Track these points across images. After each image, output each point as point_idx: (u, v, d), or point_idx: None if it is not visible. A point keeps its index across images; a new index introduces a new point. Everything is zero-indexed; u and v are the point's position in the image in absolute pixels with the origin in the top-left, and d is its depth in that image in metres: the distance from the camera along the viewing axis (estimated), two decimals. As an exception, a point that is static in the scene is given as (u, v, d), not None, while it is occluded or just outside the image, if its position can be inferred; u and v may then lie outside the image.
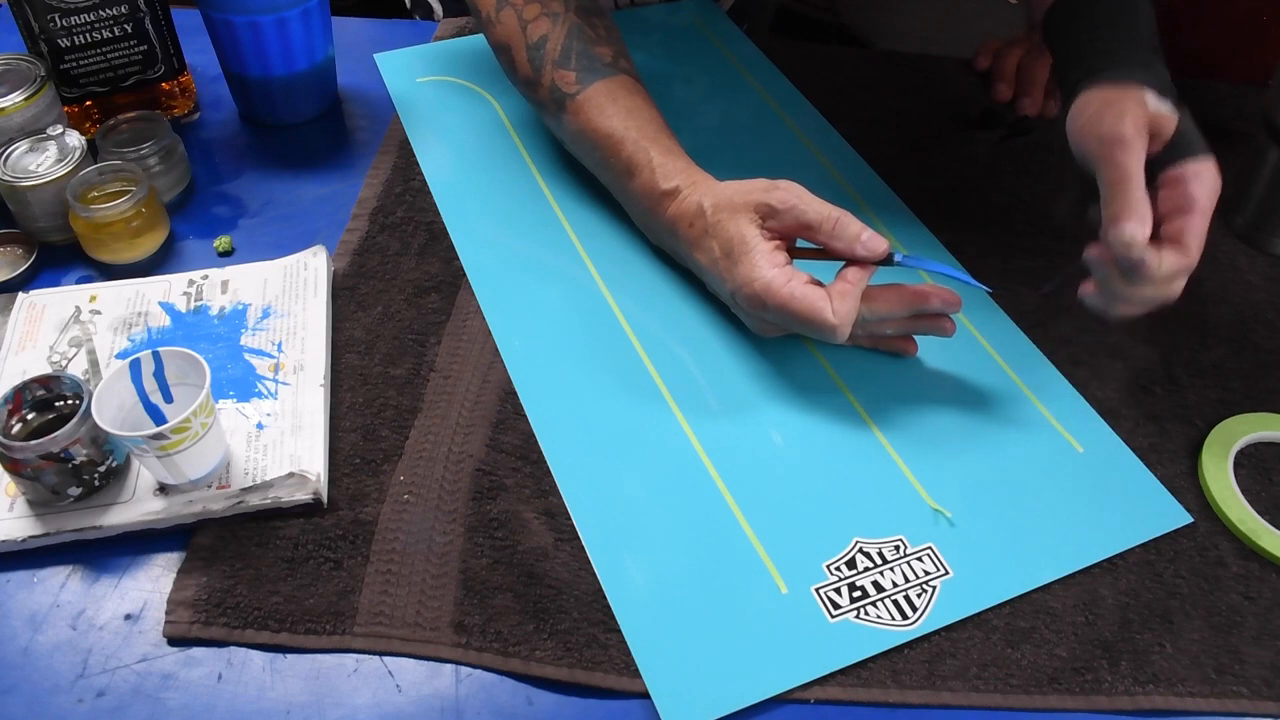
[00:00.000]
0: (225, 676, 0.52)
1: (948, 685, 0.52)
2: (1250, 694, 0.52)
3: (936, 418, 0.64)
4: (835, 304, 0.59)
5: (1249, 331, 0.70)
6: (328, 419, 0.62)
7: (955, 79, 0.92)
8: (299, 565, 0.55)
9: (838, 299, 0.60)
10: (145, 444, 0.54)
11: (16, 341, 0.66)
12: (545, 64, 0.71)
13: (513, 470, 0.60)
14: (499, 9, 0.73)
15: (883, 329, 0.64)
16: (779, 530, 0.57)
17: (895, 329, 0.64)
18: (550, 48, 0.71)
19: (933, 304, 0.62)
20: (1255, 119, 0.75)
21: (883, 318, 0.63)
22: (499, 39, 0.75)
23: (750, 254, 0.62)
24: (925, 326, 0.64)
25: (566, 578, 0.55)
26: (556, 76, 0.71)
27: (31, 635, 0.53)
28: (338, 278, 0.71)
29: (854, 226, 0.61)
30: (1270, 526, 0.58)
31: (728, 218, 0.63)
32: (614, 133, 0.70)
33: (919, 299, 0.62)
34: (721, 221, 0.63)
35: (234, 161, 0.82)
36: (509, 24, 0.73)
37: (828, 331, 0.60)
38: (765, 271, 0.61)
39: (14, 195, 0.71)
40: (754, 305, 0.62)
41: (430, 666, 0.52)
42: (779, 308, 0.60)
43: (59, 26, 0.76)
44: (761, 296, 0.61)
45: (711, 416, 0.63)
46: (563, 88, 0.71)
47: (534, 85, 0.74)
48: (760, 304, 0.61)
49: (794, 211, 0.61)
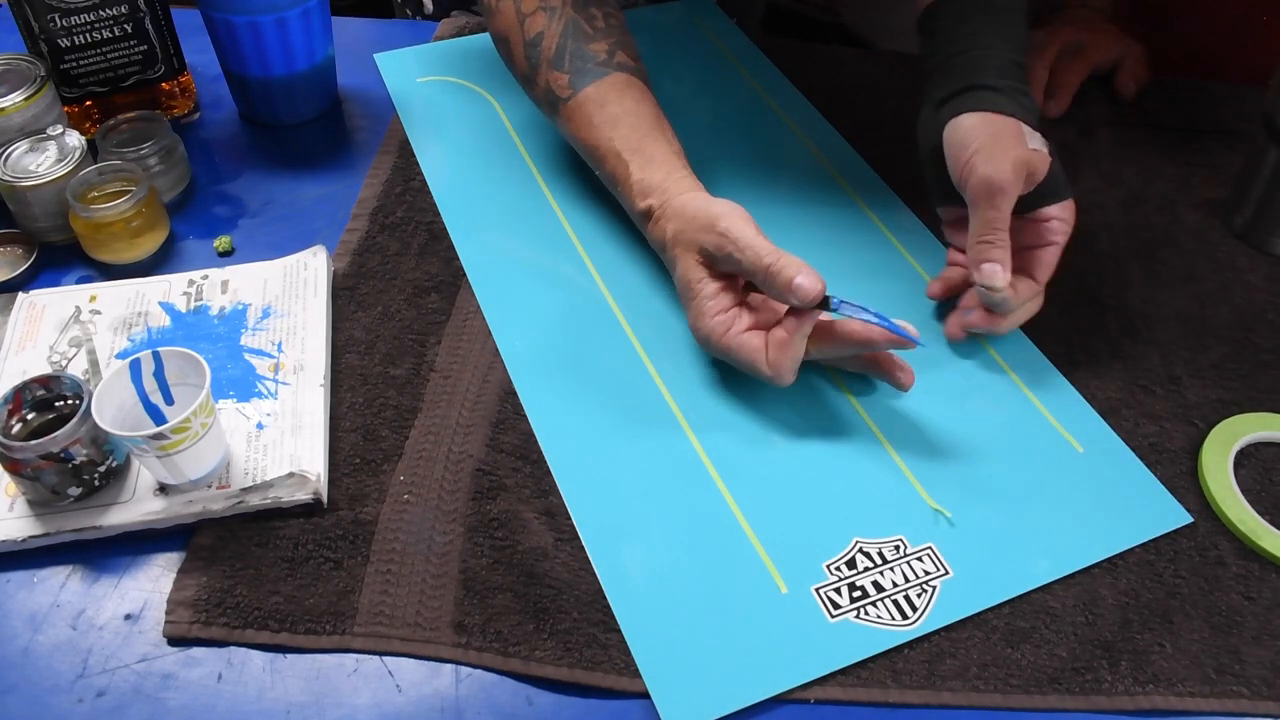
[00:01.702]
0: (225, 676, 0.52)
1: (948, 685, 0.52)
2: (1250, 694, 0.52)
3: (936, 418, 0.64)
4: (771, 354, 0.59)
5: (1249, 331, 0.70)
6: (328, 419, 0.62)
7: (955, 79, 0.92)
8: (299, 565, 0.55)
9: (774, 349, 0.59)
10: (145, 444, 0.54)
11: (16, 341, 0.66)
12: (540, 64, 0.71)
13: (513, 470, 0.60)
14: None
15: (847, 365, 0.64)
16: (779, 530, 0.57)
17: (856, 367, 0.64)
18: (545, 46, 0.71)
19: (878, 344, 0.60)
20: (1255, 119, 0.75)
21: (830, 357, 0.62)
22: (499, 29, 0.74)
23: (695, 300, 0.62)
24: (882, 373, 0.63)
25: (566, 578, 0.55)
26: (551, 79, 0.71)
27: (31, 635, 0.53)
28: (338, 278, 0.71)
29: (786, 273, 0.57)
30: (1270, 526, 0.58)
31: (681, 254, 0.63)
32: (599, 145, 0.69)
33: (863, 340, 0.60)
34: (677, 259, 0.63)
35: (234, 161, 0.82)
36: (508, 14, 0.72)
37: (769, 378, 0.60)
38: (706, 321, 0.61)
39: (14, 195, 0.71)
40: (700, 330, 0.62)
41: (430, 666, 0.52)
42: (722, 355, 0.62)
43: (59, 26, 0.76)
44: (704, 344, 0.62)
45: (711, 416, 0.63)
46: (556, 91, 0.71)
47: (531, 83, 0.73)
48: (702, 341, 0.62)
49: (730, 259, 0.60)
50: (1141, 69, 0.89)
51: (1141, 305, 0.71)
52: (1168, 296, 0.72)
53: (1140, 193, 0.81)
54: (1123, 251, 0.75)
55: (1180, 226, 0.78)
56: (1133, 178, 0.82)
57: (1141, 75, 0.89)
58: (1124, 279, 0.73)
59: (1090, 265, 0.74)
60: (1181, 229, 0.78)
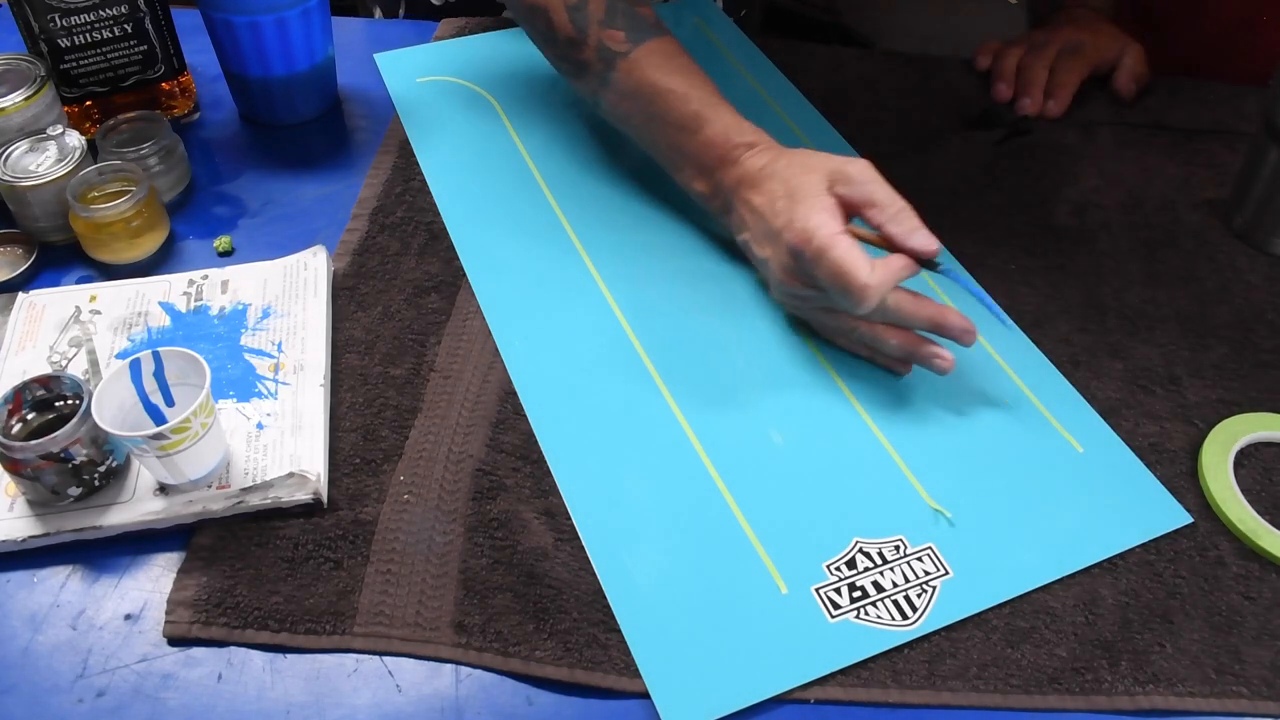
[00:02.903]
0: (225, 676, 0.52)
1: (948, 685, 0.52)
2: (1250, 694, 0.52)
3: (936, 418, 0.64)
4: (876, 270, 0.60)
5: (1249, 331, 0.70)
6: (328, 419, 0.62)
7: (955, 79, 0.92)
8: (299, 565, 0.55)
9: (879, 267, 0.60)
10: (145, 444, 0.54)
11: (16, 341, 0.66)
12: (589, 24, 0.71)
13: (513, 470, 0.60)
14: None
15: (888, 340, 0.63)
16: (779, 530, 0.57)
17: (899, 345, 0.63)
18: (593, 8, 0.71)
19: (951, 324, 0.62)
20: (1255, 119, 0.75)
21: (899, 318, 0.63)
22: (533, 1, 0.74)
23: (812, 199, 0.62)
24: (924, 355, 0.63)
25: (566, 578, 0.55)
26: (604, 35, 0.71)
27: (31, 635, 0.53)
28: (338, 278, 0.71)
29: (915, 218, 0.62)
30: (1270, 526, 0.58)
31: (800, 170, 0.64)
32: (676, 88, 0.70)
33: (939, 316, 0.62)
34: (793, 168, 0.65)
35: (234, 161, 0.82)
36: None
37: (856, 291, 0.59)
38: (820, 215, 0.61)
39: (14, 195, 0.71)
40: (797, 246, 0.61)
41: (430, 666, 0.52)
42: (820, 251, 0.60)
43: (59, 26, 0.76)
44: (808, 235, 0.61)
45: (712, 416, 0.63)
46: (612, 46, 0.71)
47: (577, 45, 0.72)
48: (803, 245, 0.61)
49: (866, 185, 0.62)
50: (1141, 69, 0.89)
51: (1141, 305, 0.71)
52: (1168, 296, 0.72)
53: (1140, 193, 0.81)
54: (1123, 251, 0.75)
55: (1180, 226, 0.78)
56: (1133, 178, 0.82)
57: (1141, 75, 0.89)
58: (1124, 279, 0.73)
59: (1090, 265, 0.74)
60: (1181, 229, 0.78)
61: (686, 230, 0.76)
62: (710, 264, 0.73)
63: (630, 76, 0.71)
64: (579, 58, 0.73)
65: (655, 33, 0.72)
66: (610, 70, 0.71)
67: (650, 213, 0.77)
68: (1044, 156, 0.84)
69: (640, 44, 0.71)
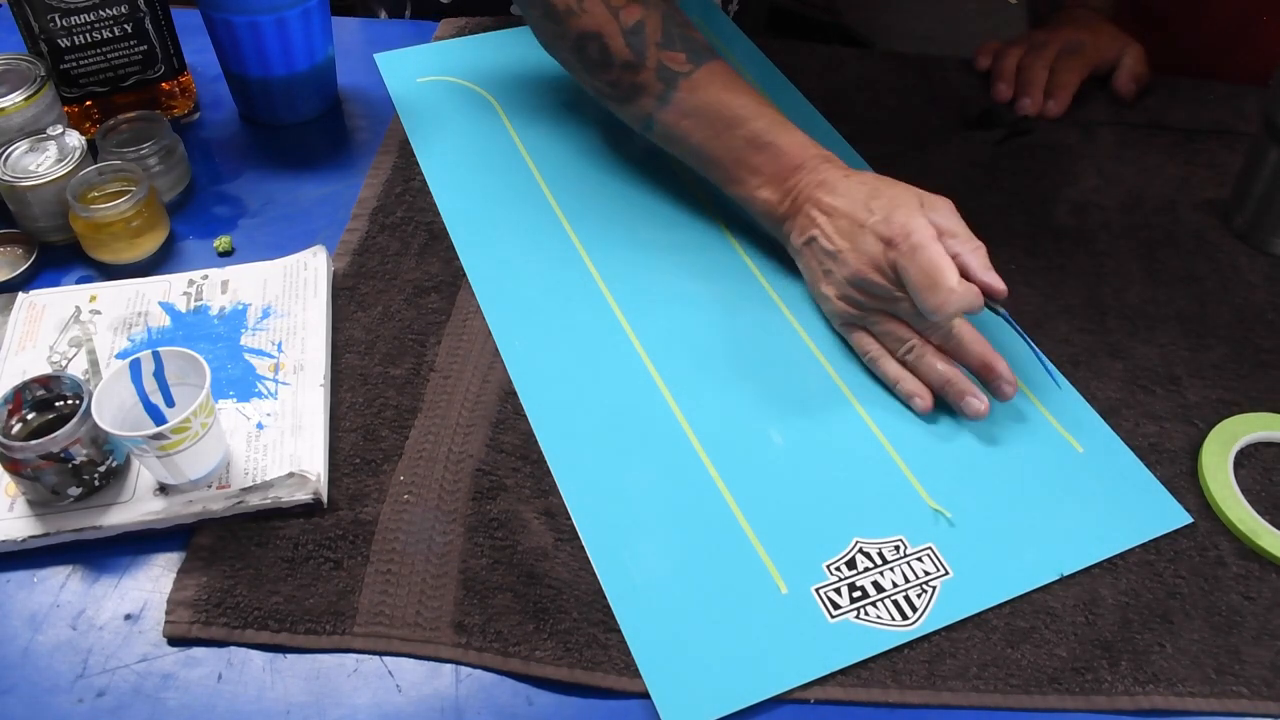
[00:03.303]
0: (225, 676, 0.52)
1: (948, 685, 0.52)
2: (1250, 694, 0.52)
3: (936, 418, 0.64)
4: (961, 282, 0.61)
5: (1249, 331, 0.70)
6: (328, 419, 0.62)
7: (955, 79, 0.92)
8: (299, 565, 0.55)
9: (963, 282, 0.61)
10: (145, 444, 0.54)
11: (16, 341, 0.66)
12: (647, 46, 0.72)
13: (513, 470, 0.60)
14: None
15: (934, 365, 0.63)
16: (779, 530, 0.57)
17: (943, 372, 0.63)
18: (650, 31, 0.72)
19: (1000, 371, 0.63)
20: (1255, 119, 0.75)
21: (956, 344, 0.64)
22: (585, 28, 0.73)
23: (909, 207, 0.63)
24: (959, 390, 0.63)
25: (566, 578, 0.55)
26: (664, 57, 0.72)
27: (31, 635, 0.53)
28: (338, 278, 0.71)
29: (988, 259, 0.63)
30: (1270, 526, 0.58)
31: (890, 185, 0.66)
32: (747, 103, 0.71)
33: (992, 358, 0.63)
34: (883, 183, 0.67)
35: (234, 161, 0.82)
36: (596, 13, 0.72)
37: (943, 292, 0.60)
38: (919, 219, 0.62)
39: (14, 195, 0.71)
40: (894, 238, 0.62)
41: (430, 666, 0.52)
42: (917, 246, 0.61)
43: (59, 26, 0.76)
44: (908, 231, 0.62)
45: (712, 416, 0.63)
46: (673, 67, 0.72)
47: (634, 68, 0.73)
48: (901, 238, 0.62)
49: (951, 218, 0.64)
50: (1141, 69, 0.89)
51: (1141, 305, 0.71)
52: (1168, 296, 0.72)
53: (1140, 193, 0.81)
54: (1123, 251, 0.75)
55: (1180, 226, 0.78)
56: (1133, 178, 0.82)
57: (1141, 75, 0.89)
58: (1124, 279, 0.73)
59: (1090, 265, 0.74)
60: (1181, 229, 0.78)
61: (687, 230, 0.76)
62: (711, 264, 0.73)
63: (695, 94, 0.72)
64: (635, 80, 0.73)
65: (712, 55, 0.73)
66: (672, 89, 0.72)
67: (650, 212, 0.77)
68: (1044, 156, 0.84)
69: (701, 65, 0.72)
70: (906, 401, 0.64)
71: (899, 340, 0.65)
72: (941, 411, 0.64)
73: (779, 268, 0.73)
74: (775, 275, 0.72)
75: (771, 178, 0.70)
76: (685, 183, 0.79)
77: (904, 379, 0.64)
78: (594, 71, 0.75)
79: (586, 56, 0.74)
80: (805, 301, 0.71)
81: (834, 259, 0.66)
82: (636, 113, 0.75)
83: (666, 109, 0.73)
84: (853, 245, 0.65)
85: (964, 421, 0.63)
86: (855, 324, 0.67)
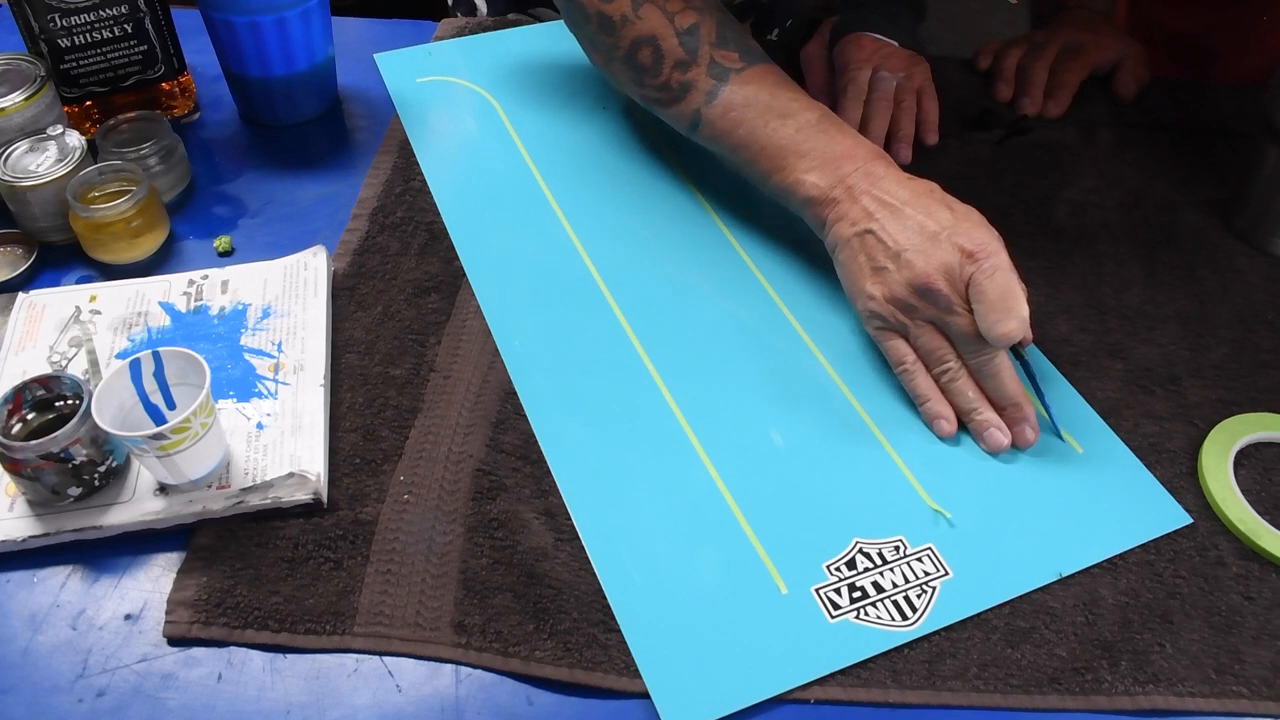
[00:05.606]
0: (225, 676, 0.52)
1: (948, 685, 0.52)
2: (1250, 694, 0.52)
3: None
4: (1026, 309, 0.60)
5: (1249, 331, 0.70)
6: (328, 419, 0.62)
7: (955, 79, 0.92)
8: (299, 565, 0.55)
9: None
10: (145, 444, 0.54)
11: (16, 341, 0.66)
12: (701, 45, 0.72)
13: (513, 470, 0.60)
14: (637, 7, 0.73)
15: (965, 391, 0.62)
16: (779, 530, 0.57)
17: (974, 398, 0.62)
18: (704, 33, 0.72)
19: (1027, 415, 0.62)
20: (1255, 119, 0.75)
21: (994, 374, 0.62)
22: (641, 34, 0.73)
23: (983, 223, 0.63)
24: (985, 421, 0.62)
25: (566, 578, 0.55)
26: (717, 55, 0.72)
27: (31, 635, 0.53)
28: (338, 278, 0.71)
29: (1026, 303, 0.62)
30: (1270, 526, 0.58)
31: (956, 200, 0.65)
32: (803, 97, 0.71)
33: (1024, 402, 0.62)
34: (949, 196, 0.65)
35: (234, 161, 0.82)
36: (652, 18, 0.73)
37: (1015, 317, 0.59)
38: (997, 239, 0.61)
39: (14, 195, 0.71)
40: (974, 252, 0.60)
41: (430, 666, 0.52)
42: (998, 266, 0.60)
43: (59, 26, 0.76)
44: (989, 249, 0.60)
45: (712, 417, 0.63)
46: (726, 64, 0.72)
47: (687, 65, 0.73)
48: (981, 254, 0.60)
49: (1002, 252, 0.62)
50: (1141, 69, 0.89)
51: (1141, 305, 0.71)
52: (1168, 296, 0.72)
53: (1140, 193, 0.81)
54: (1123, 251, 0.75)
55: (1180, 226, 0.78)
56: (1133, 178, 0.82)
57: (1141, 76, 0.89)
58: (1124, 279, 0.73)
59: (1090, 265, 0.74)
60: (1181, 229, 0.78)
61: (687, 230, 0.76)
62: (711, 264, 0.73)
63: (746, 88, 0.71)
64: (685, 78, 0.73)
65: (764, 58, 0.73)
66: (723, 84, 0.72)
67: (651, 212, 0.77)
68: (1044, 156, 0.84)
69: (753, 65, 0.72)
70: (929, 422, 0.63)
71: (938, 359, 0.63)
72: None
73: (781, 269, 0.73)
74: (777, 276, 0.72)
75: (823, 162, 0.68)
76: (687, 184, 0.80)
77: (934, 399, 0.63)
78: (645, 77, 0.75)
79: (638, 63, 0.74)
80: (806, 301, 0.71)
81: (895, 258, 0.63)
82: (684, 110, 0.74)
83: (714, 104, 0.72)
84: (922, 249, 0.62)
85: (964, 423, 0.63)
86: (893, 330, 0.65)
